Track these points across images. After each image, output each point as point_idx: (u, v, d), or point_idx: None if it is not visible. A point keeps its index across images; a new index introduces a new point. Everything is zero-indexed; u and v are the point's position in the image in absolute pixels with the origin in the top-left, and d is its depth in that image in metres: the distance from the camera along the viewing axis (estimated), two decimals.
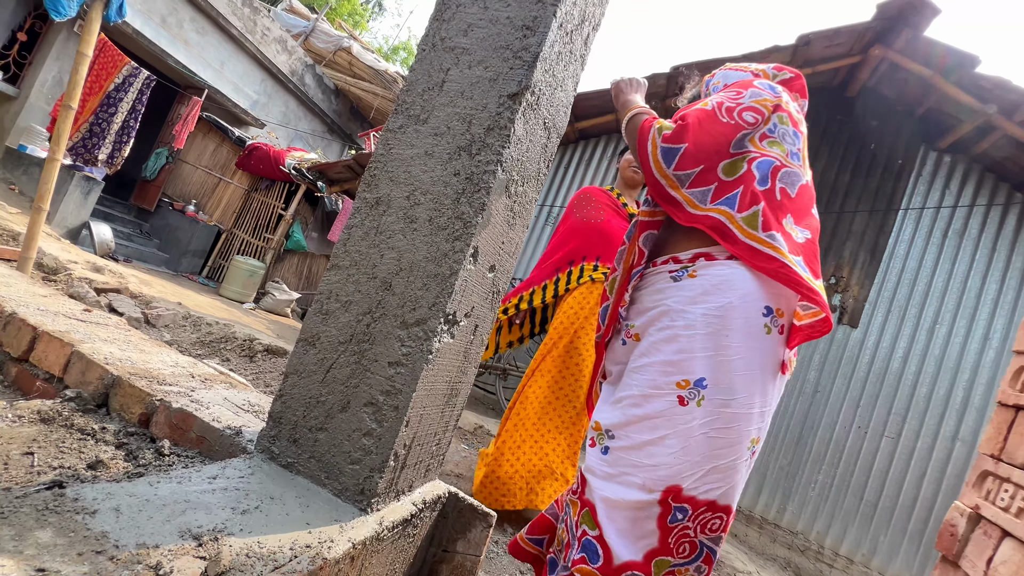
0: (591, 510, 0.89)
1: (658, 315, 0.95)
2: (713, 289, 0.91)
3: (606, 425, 0.93)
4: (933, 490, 3.29)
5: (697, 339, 0.89)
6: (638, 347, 0.97)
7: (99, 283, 3.41)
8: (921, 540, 3.24)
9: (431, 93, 1.00)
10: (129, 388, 1.09)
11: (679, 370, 0.88)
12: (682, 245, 0.99)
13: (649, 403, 0.89)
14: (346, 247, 0.98)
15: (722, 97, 1.02)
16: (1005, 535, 1.09)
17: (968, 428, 3.29)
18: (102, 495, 0.66)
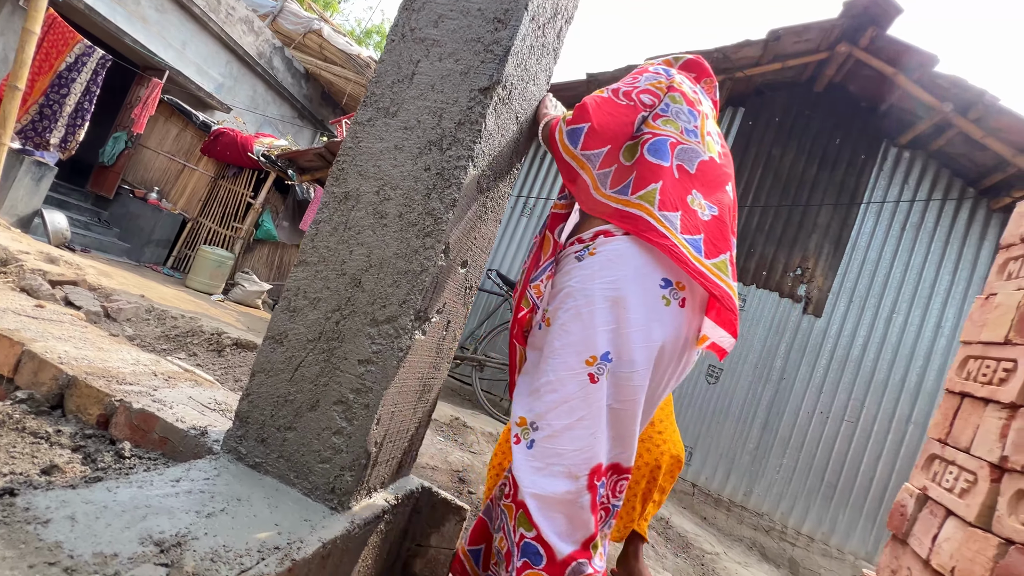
0: (525, 511, 0.89)
1: (564, 296, 0.96)
2: (608, 263, 0.93)
3: (530, 418, 0.93)
4: (887, 471, 3.47)
5: (598, 314, 0.90)
6: (550, 331, 0.97)
7: (54, 275, 3.25)
8: (876, 518, 3.42)
9: (401, 85, 0.98)
10: (86, 388, 1.04)
11: (587, 347, 0.90)
12: (586, 226, 1.02)
13: (565, 386, 0.90)
14: (314, 243, 0.96)
15: (619, 84, 1.05)
16: (949, 514, 1.17)
17: (921, 411, 3.48)
18: (56, 503, 0.63)
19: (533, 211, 4.62)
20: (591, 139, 0.97)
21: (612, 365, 0.89)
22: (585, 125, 0.97)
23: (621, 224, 0.93)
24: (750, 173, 4.10)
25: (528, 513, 0.87)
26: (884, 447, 3.50)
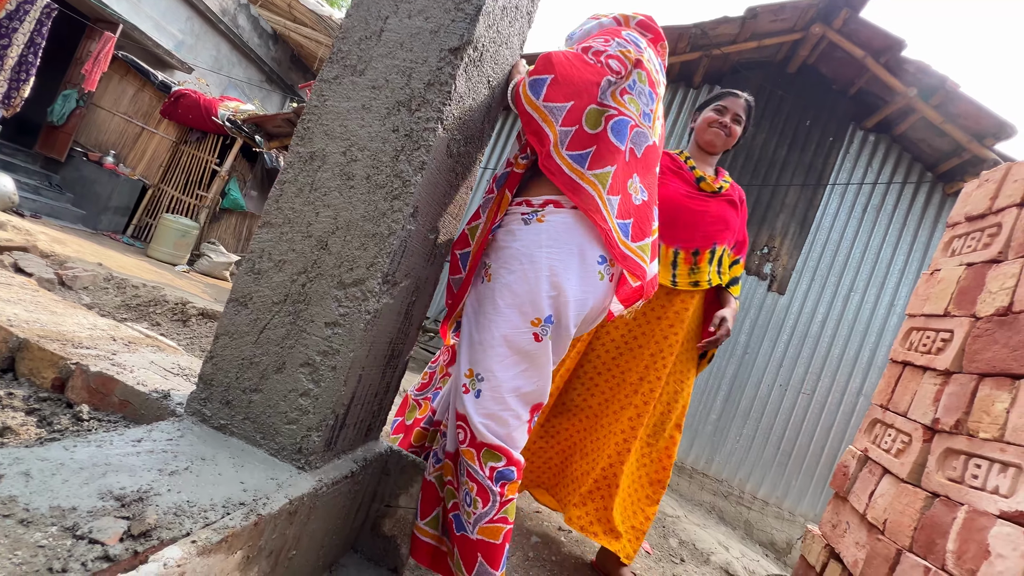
0: (490, 447, 0.98)
1: (509, 257, 1.02)
2: (557, 236, 1.00)
3: (477, 370, 1.01)
4: (838, 439, 3.69)
5: (543, 281, 0.98)
6: (492, 287, 1.02)
7: (1, 240, 3.07)
8: (825, 483, 3.65)
9: (368, 43, 0.95)
10: (39, 351, 1.01)
11: (533, 310, 0.98)
12: (536, 190, 1.06)
13: (511, 343, 0.99)
14: (279, 204, 0.94)
15: (590, 42, 1.07)
16: (885, 472, 1.26)
17: (870, 384, 3.69)
18: (8, 459, 0.62)
19: None
20: (554, 90, 0.98)
21: (553, 327, 1.00)
22: (548, 76, 0.98)
23: (572, 197, 0.98)
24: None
25: (493, 447, 0.98)
26: (836, 417, 3.71)
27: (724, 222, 1.62)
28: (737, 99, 1.65)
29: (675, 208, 1.57)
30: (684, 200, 1.59)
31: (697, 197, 1.62)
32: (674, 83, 4.34)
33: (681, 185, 1.61)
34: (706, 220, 1.60)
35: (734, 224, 1.66)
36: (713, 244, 1.61)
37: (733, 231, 1.66)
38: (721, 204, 1.63)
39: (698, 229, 1.60)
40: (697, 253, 1.60)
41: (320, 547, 0.95)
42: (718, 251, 1.63)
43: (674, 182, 1.61)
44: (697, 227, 1.60)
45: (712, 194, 1.64)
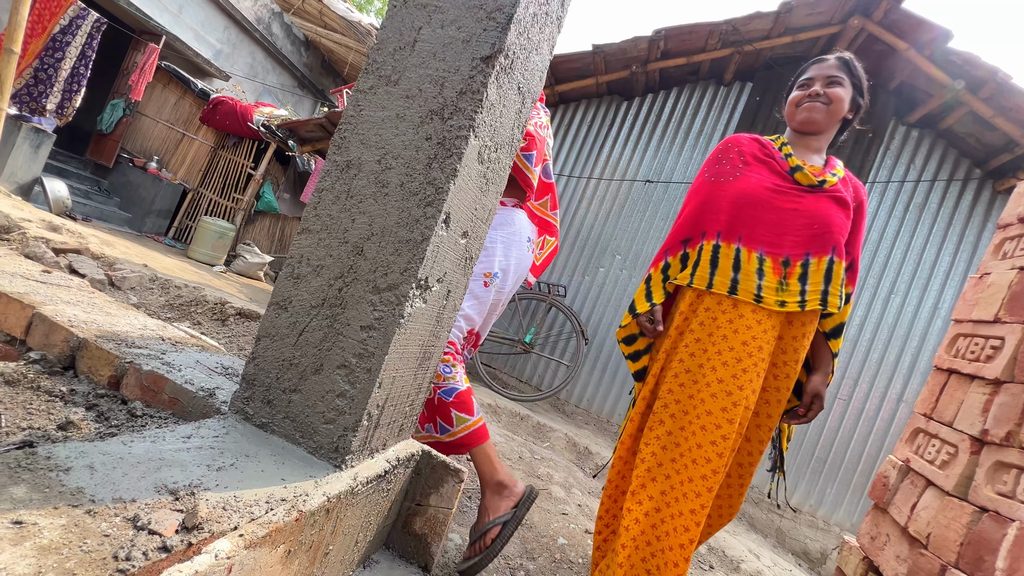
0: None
1: None
2: (507, 222, 1.47)
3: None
4: (876, 448, 3.55)
5: (497, 250, 1.43)
6: None
7: (57, 243, 3.26)
8: (862, 493, 3.52)
9: (402, 53, 0.98)
10: (97, 350, 1.08)
11: (487, 267, 1.40)
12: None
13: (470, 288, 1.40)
14: (317, 211, 0.98)
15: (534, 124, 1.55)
16: (929, 484, 1.21)
17: (912, 391, 3.53)
18: (75, 453, 0.67)
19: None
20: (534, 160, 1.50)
21: (497, 280, 1.43)
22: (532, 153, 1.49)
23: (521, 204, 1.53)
24: None
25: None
26: (874, 425, 3.57)
27: (824, 225, 1.24)
28: (824, 62, 1.33)
29: (756, 203, 1.27)
30: (768, 195, 1.27)
31: (789, 192, 1.27)
32: (704, 81, 4.26)
33: (767, 176, 1.30)
34: (798, 222, 1.25)
35: (840, 229, 1.25)
36: (806, 254, 1.24)
37: (837, 239, 1.25)
38: (822, 202, 1.26)
39: (787, 232, 1.25)
40: (787, 263, 1.24)
41: (354, 543, 0.98)
42: (813, 265, 1.24)
43: (759, 172, 1.31)
44: (786, 229, 1.25)
45: (811, 188, 1.27)
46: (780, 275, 1.25)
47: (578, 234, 4.38)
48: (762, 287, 1.25)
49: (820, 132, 1.30)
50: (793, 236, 1.25)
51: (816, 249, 1.25)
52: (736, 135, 1.43)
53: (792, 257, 1.25)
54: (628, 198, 4.30)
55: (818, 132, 1.30)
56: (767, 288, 1.25)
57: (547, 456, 2.62)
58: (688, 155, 4.23)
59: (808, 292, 1.24)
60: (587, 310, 4.24)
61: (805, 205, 1.26)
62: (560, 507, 2.03)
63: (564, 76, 4.22)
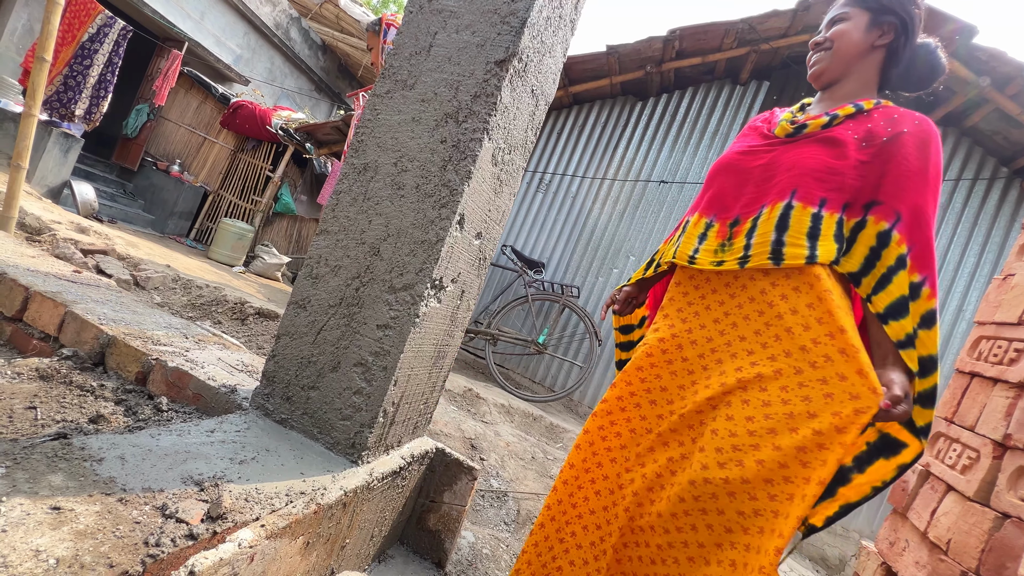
0: None
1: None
2: None
3: None
4: None
5: None
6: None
7: (85, 244, 3.37)
8: (881, 498, 3.45)
9: (418, 58, 1.00)
10: (125, 347, 1.12)
11: None
12: None
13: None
14: (335, 212, 1.00)
15: None
16: (949, 489, 1.19)
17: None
18: (107, 444, 0.70)
19: (548, 187, 4.59)
20: None
21: None
22: None
23: None
24: None
25: None
26: None
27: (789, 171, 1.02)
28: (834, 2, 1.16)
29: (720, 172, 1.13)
30: (735, 159, 1.12)
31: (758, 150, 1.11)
32: (719, 80, 4.22)
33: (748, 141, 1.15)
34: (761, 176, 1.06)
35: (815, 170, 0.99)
36: (761, 207, 1.03)
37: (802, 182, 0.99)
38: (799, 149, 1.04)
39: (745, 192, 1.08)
40: (737, 222, 1.06)
41: (370, 537, 1.00)
42: (764, 215, 1.01)
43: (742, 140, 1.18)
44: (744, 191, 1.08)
45: (787, 138, 1.08)
46: (724, 236, 1.07)
47: (592, 235, 4.37)
48: (699, 249, 1.08)
49: (832, 81, 1.12)
50: (751, 194, 1.07)
51: (773, 198, 1.02)
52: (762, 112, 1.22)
53: (743, 215, 1.06)
54: (643, 199, 4.28)
55: (829, 82, 1.12)
56: (704, 250, 1.07)
57: (560, 457, 2.63)
58: (704, 155, 4.19)
59: (753, 246, 0.99)
60: (601, 311, 4.23)
61: (774, 157, 1.07)
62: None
63: (578, 77, 4.22)
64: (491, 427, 2.60)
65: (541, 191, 4.62)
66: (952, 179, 3.63)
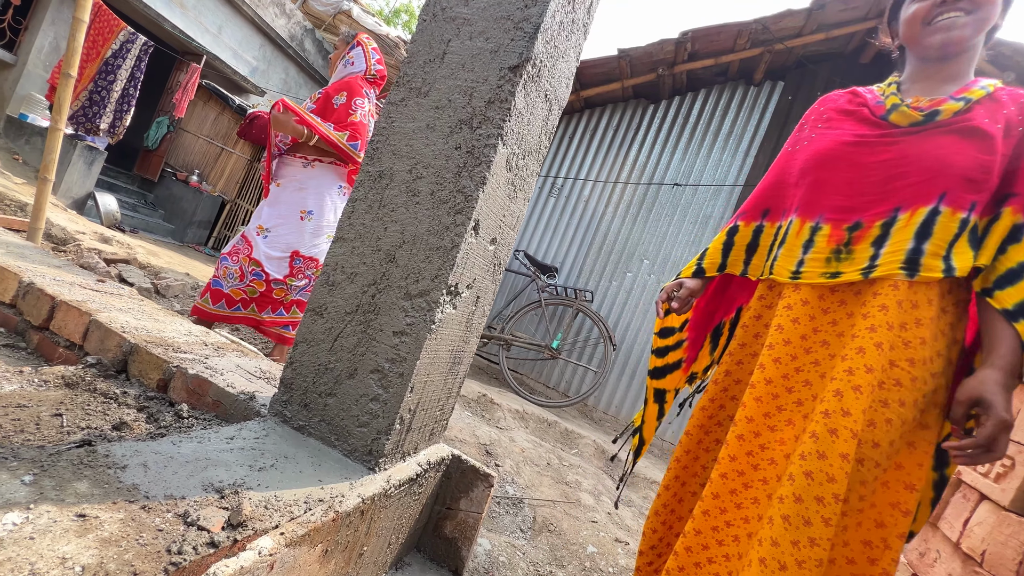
0: (258, 262, 2.11)
1: (297, 180, 2.19)
2: (321, 174, 2.19)
3: (266, 226, 2.15)
4: None
5: (310, 193, 2.17)
6: (282, 191, 2.19)
7: (108, 254, 3.46)
8: None
9: (432, 65, 1.00)
10: (147, 355, 1.14)
11: (303, 206, 2.16)
12: (308, 152, 2.19)
13: (288, 219, 2.15)
14: (351, 220, 1.01)
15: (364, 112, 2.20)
16: (983, 498, 1.15)
17: None
18: (130, 452, 0.71)
19: (561, 191, 4.59)
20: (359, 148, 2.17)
21: (313, 217, 2.17)
22: (359, 142, 2.16)
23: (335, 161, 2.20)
24: None
25: (260, 263, 2.11)
26: None
27: (930, 170, 0.89)
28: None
29: (824, 164, 1.00)
30: (844, 151, 0.99)
31: (876, 141, 0.97)
32: (733, 81, 4.18)
33: (850, 128, 1.01)
34: (886, 174, 0.94)
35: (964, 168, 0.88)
36: (894, 210, 0.92)
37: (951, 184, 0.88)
38: (933, 141, 0.91)
39: (866, 191, 0.95)
40: (858, 227, 0.95)
41: (387, 544, 1.00)
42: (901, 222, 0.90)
43: (839, 127, 1.03)
44: (865, 188, 0.95)
45: (914, 127, 0.94)
46: (840, 241, 0.96)
47: (605, 239, 4.35)
48: (805, 261, 0.97)
49: (962, 53, 0.94)
50: (874, 195, 0.94)
51: (911, 200, 0.90)
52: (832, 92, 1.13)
53: (867, 218, 0.94)
54: (656, 202, 4.25)
55: (959, 53, 0.94)
56: (813, 260, 0.97)
57: (575, 463, 2.60)
58: (717, 157, 4.15)
59: (883, 255, 0.89)
60: (615, 315, 4.20)
61: (901, 151, 0.93)
62: (589, 515, 2.01)
63: (589, 81, 4.21)
64: (505, 433, 2.59)
65: (553, 195, 4.61)
66: None
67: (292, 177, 2.19)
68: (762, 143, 4.04)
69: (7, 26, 5.43)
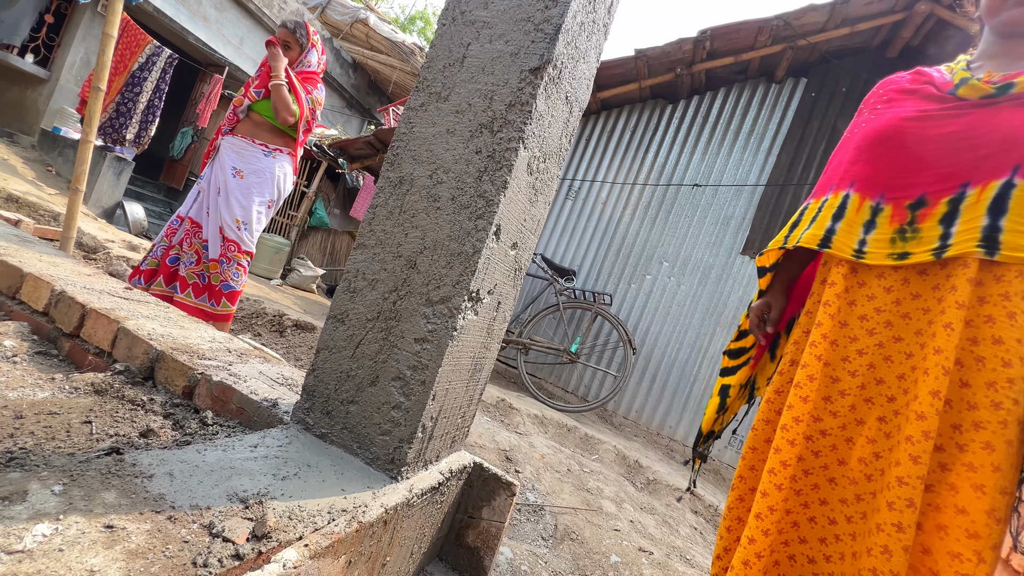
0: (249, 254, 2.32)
1: (258, 169, 2.27)
2: (279, 164, 2.33)
3: (243, 219, 2.25)
4: None
5: (267, 182, 2.30)
6: (244, 182, 2.25)
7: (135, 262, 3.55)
8: None
9: (452, 69, 0.99)
10: (172, 362, 1.15)
11: (267, 194, 2.31)
12: (270, 140, 2.31)
13: (254, 207, 2.28)
14: (371, 226, 1.00)
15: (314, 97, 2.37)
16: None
17: None
18: (156, 461, 0.71)
19: (578, 194, 4.56)
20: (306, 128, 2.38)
21: (274, 203, 2.37)
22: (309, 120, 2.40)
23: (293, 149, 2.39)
24: (811, 149, 3.85)
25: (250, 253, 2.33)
26: None
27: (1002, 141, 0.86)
28: None
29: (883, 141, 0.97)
30: (905, 126, 0.96)
31: (940, 115, 0.93)
32: (753, 79, 4.10)
33: (912, 105, 0.98)
34: (953, 146, 0.90)
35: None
36: (962, 186, 0.88)
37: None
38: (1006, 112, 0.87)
39: (930, 165, 0.92)
40: (921, 204, 0.91)
41: (410, 554, 0.99)
42: (971, 198, 0.87)
43: (900, 105, 1.00)
44: (928, 162, 0.92)
45: (985, 99, 0.90)
46: (903, 220, 0.92)
47: (623, 241, 4.30)
48: (867, 240, 0.95)
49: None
50: (939, 168, 0.91)
51: (981, 175, 0.87)
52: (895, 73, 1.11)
53: (931, 195, 0.90)
54: (675, 203, 4.19)
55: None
56: (876, 240, 0.94)
57: (596, 469, 2.56)
58: (739, 156, 4.07)
59: (956, 234, 0.86)
60: (634, 318, 4.14)
61: (969, 123, 0.90)
62: (612, 523, 1.97)
63: (606, 83, 4.18)
64: (525, 438, 2.57)
65: (571, 198, 4.59)
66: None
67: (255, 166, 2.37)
68: (785, 141, 3.95)
69: (41, 43, 5.65)
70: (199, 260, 2.25)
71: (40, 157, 5.51)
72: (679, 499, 1.62)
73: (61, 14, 5.73)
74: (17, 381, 1.03)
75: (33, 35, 5.56)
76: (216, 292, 2.23)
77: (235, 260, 2.24)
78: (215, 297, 2.23)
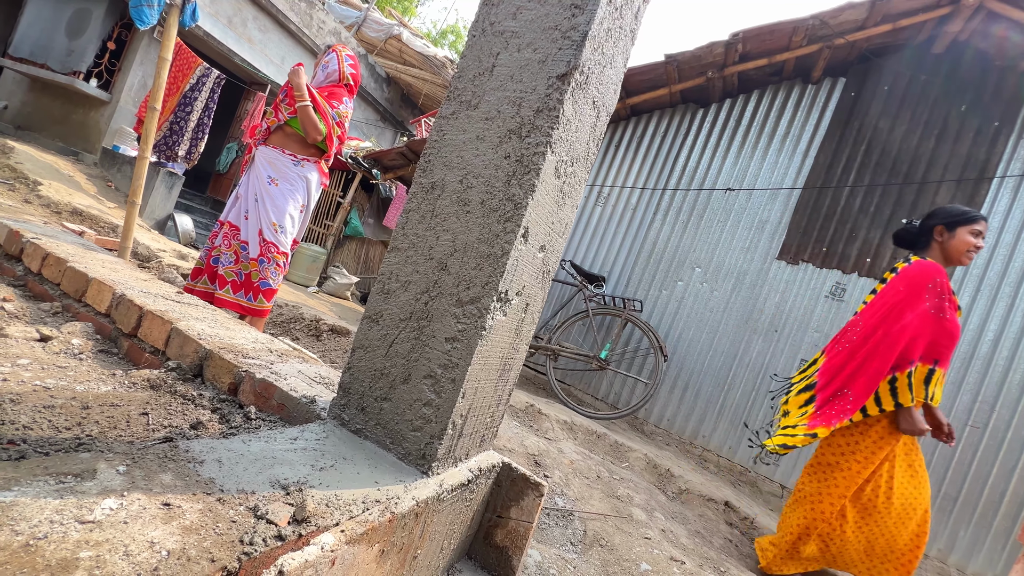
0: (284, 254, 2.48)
1: (289, 177, 2.45)
2: (307, 172, 2.50)
3: (280, 223, 2.42)
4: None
5: (299, 189, 2.48)
6: (280, 189, 2.43)
7: (184, 270, 3.76)
8: (1008, 537, 2.99)
9: (481, 78, 1.03)
10: (219, 360, 1.22)
11: (300, 199, 2.49)
12: (299, 151, 2.49)
13: (288, 211, 2.44)
14: (404, 230, 1.04)
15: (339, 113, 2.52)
16: None
17: None
18: (206, 448, 0.76)
19: (607, 200, 4.54)
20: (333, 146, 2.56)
21: (305, 208, 2.54)
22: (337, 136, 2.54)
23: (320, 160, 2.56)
24: (852, 150, 3.72)
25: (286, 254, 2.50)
26: (1020, 458, 3.04)
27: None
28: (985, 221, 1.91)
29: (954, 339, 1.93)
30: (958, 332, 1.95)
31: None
32: (788, 80, 4.01)
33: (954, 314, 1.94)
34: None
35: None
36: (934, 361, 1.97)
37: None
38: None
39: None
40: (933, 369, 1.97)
41: (440, 549, 1.01)
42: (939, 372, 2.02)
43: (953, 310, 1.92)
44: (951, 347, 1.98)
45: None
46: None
47: (654, 247, 4.25)
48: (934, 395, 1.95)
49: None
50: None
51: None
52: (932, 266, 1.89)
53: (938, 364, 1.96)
54: (707, 208, 4.12)
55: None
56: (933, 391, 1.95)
57: (626, 477, 2.53)
58: (773, 159, 3.97)
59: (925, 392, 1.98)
60: (665, 325, 4.08)
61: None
62: (642, 531, 1.94)
63: (635, 88, 4.17)
64: (554, 444, 2.56)
65: (600, 204, 4.57)
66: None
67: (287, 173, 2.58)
68: (823, 143, 3.83)
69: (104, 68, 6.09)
70: (237, 259, 2.40)
71: (101, 173, 5.92)
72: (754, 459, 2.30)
73: (122, 40, 6.18)
74: (84, 376, 1.12)
75: (97, 61, 6.01)
76: (255, 288, 2.38)
77: (273, 260, 2.39)
78: (253, 292, 2.37)
